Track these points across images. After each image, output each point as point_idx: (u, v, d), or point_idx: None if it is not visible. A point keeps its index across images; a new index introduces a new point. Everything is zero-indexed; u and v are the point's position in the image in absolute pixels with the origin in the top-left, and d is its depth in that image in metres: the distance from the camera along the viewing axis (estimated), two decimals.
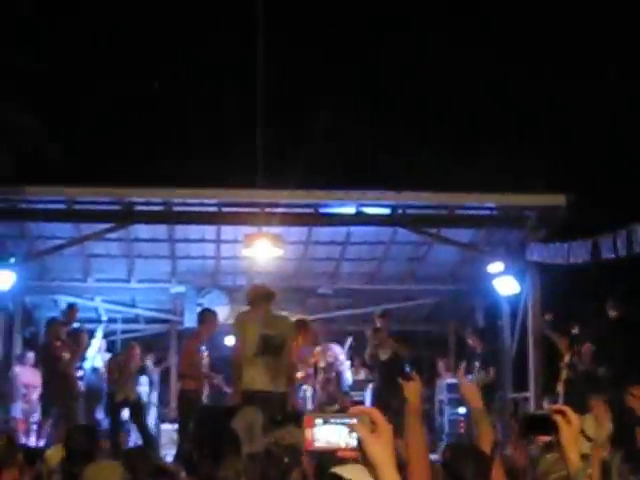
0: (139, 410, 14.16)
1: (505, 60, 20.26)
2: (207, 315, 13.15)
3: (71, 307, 15.26)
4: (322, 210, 14.51)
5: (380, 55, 20.66)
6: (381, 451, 2.30)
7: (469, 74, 20.26)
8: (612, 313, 12.93)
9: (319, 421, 2.37)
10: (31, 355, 15.34)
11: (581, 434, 3.63)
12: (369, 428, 2.32)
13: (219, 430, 9.56)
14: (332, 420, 2.37)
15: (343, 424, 2.35)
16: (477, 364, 14.87)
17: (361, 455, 2.32)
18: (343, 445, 2.35)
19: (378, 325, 15.03)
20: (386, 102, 21.37)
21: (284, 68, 18.83)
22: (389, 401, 13.14)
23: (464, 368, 15.29)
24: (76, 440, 7.12)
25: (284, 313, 12.54)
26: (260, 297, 11.32)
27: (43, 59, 16.33)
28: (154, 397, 16.12)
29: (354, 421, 2.34)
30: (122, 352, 15.18)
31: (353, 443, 2.33)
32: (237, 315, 11.98)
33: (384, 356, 14.44)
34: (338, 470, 2.73)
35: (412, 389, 5.15)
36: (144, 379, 15.80)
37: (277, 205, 14.16)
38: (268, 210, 13.99)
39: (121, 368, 14.15)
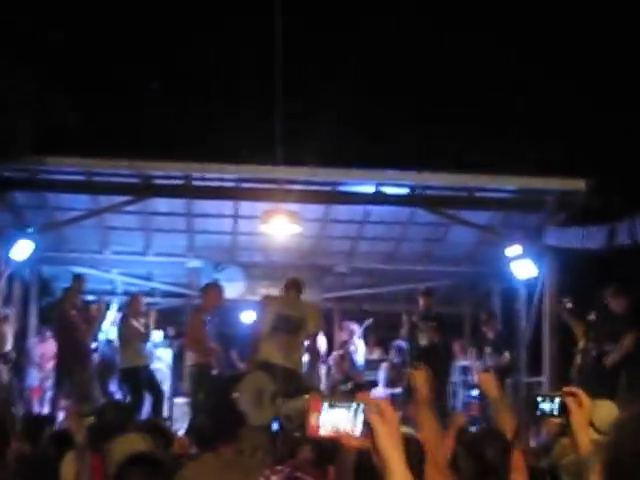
0: (151, 376, 13.97)
1: (526, 43, 20.15)
2: (209, 288, 13.13)
3: (78, 277, 14.98)
4: (340, 188, 14.50)
5: (399, 33, 20.50)
6: (390, 440, 2.32)
7: (489, 55, 20.11)
8: (613, 303, 12.15)
9: (325, 405, 2.35)
10: (49, 333, 15.29)
11: (591, 426, 3.60)
12: (378, 417, 2.32)
13: (223, 401, 9.63)
14: (339, 405, 2.35)
15: (350, 409, 2.34)
16: (489, 349, 14.77)
17: (370, 443, 2.32)
18: (349, 431, 2.33)
19: (421, 303, 14.72)
20: (408, 82, 21.25)
21: (303, 44, 18.74)
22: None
23: (475, 353, 15.24)
24: (108, 415, 7.15)
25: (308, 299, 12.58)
26: (290, 284, 11.81)
27: (60, 28, 16.35)
28: (168, 371, 16.08)
29: (362, 408, 2.33)
30: (126, 307, 14.61)
31: (358, 430, 2.32)
32: (263, 296, 12.61)
33: (423, 341, 14.34)
34: None
35: (420, 378, 5.11)
36: (162, 352, 15.74)
37: (295, 182, 14.15)
38: (286, 187, 13.95)
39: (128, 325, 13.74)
